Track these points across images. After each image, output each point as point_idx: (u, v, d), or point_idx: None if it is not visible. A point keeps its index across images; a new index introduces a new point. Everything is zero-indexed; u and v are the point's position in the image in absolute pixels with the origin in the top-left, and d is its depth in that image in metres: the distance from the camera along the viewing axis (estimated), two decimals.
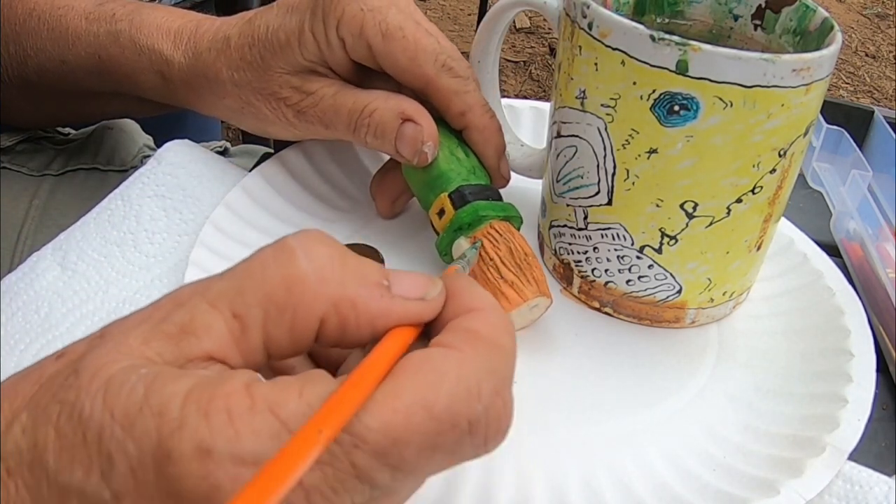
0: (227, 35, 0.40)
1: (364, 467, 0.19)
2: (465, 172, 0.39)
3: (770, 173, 0.34)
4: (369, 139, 0.38)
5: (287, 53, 0.38)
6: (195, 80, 0.41)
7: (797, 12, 0.37)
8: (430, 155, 0.38)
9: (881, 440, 0.36)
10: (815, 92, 0.33)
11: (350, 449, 0.19)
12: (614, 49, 0.33)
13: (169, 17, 0.43)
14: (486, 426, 0.21)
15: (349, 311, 0.21)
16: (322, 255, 0.21)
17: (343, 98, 0.38)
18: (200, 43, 0.41)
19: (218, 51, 0.40)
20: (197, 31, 0.42)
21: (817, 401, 0.35)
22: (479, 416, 0.21)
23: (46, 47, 0.45)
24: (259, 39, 0.39)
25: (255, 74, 0.39)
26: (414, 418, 0.20)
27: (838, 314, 0.39)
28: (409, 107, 0.38)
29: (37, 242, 0.46)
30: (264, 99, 0.39)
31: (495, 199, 0.38)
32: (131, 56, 0.43)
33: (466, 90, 0.38)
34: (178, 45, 0.42)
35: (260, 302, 0.21)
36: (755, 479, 0.31)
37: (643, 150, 0.34)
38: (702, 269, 0.37)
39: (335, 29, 0.37)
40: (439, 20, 2.31)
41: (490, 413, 0.21)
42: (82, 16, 0.44)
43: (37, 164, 0.50)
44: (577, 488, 0.31)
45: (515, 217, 0.38)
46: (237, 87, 0.40)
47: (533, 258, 0.37)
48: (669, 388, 0.36)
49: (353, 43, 0.37)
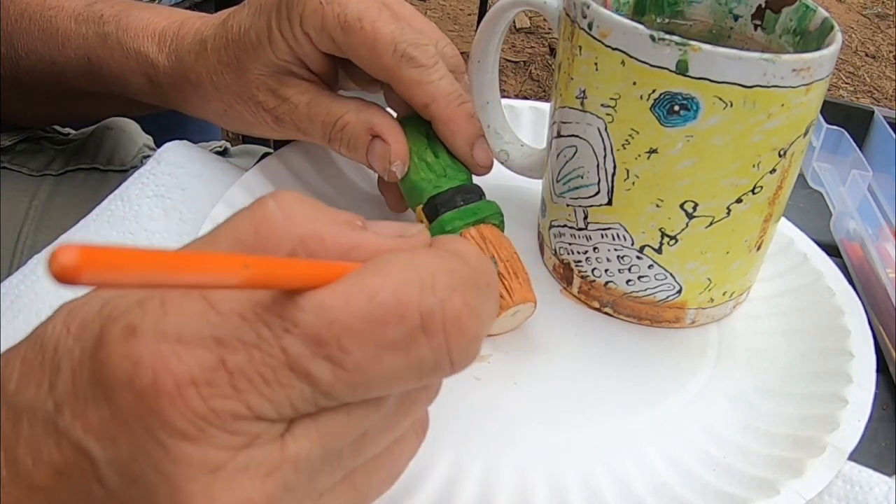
0: (203, 37, 0.40)
1: (296, 355, 0.18)
2: (436, 178, 0.38)
3: (770, 173, 0.34)
4: (343, 151, 0.38)
5: (260, 54, 0.37)
6: (180, 83, 0.41)
7: (797, 12, 0.37)
8: (399, 173, 0.37)
9: (881, 440, 0.36)
10: (815, 92, 0.33)
11: (280, 333, 0.18)
12: (614, 49, 0.33)
13: (155, 18, 0.42)
14: (443, 325, 0.19)
15: (318, 246, 0.20)
16: (291, 199, 0.20)
17: (317, 108, 0.38)
18: (182, 45, 0.41)
19: (197, 54, 0.40)
20: (179, 33, 0.41)
21: (817, 401, 0.35)
22: (432, 309, 0.18)
23: (37, 48, 0.45)
24: (233, 41, 0.38)
25: (233, 77, 0.39)
26: (353, 301, 0.18)
27: (838, 314, 0.39)
28: (380, 122, 0.37)
29: (37, 243, 0.46)
30: (244, 103, 0.39)
31: (470, 201, 0.37)
32: (119, 59, 0.42)
33: (429, 80, 0.36)
34: (163, 47, 0.41)
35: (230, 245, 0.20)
36: (755, 479, 0.31)
37: (643, 150, 0.34)
38: (702, 269, 0.37)
39: (299, 25, 0.36)
40: (439, 20, 2.31)
41: (447, 310, 0.19)
42: (72, 17, 0.44)
43: (37, 164, 0.50)
44: (577, 488, 0.31)
45: (493, 215, 0.37)
46: (218, 91, 0.40)
47: (515, 262, 0.36)
48: (669, 388, 0.36)
49: (318, 37, 0.36)
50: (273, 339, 0.18)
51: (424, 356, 0.19)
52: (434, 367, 0.19)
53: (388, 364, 0.18)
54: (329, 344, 0.18)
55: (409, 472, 0.31)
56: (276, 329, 0.18)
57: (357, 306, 0.18)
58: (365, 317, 0.18)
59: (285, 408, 0.18)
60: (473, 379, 0.35)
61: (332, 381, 0.18)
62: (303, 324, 0.18)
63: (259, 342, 0.18)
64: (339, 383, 0.18)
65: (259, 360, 0.18)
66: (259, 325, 0.18)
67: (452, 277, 0.19)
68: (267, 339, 0.18)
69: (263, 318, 0.18)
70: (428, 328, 0.19)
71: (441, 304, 0.19)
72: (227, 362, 0.18)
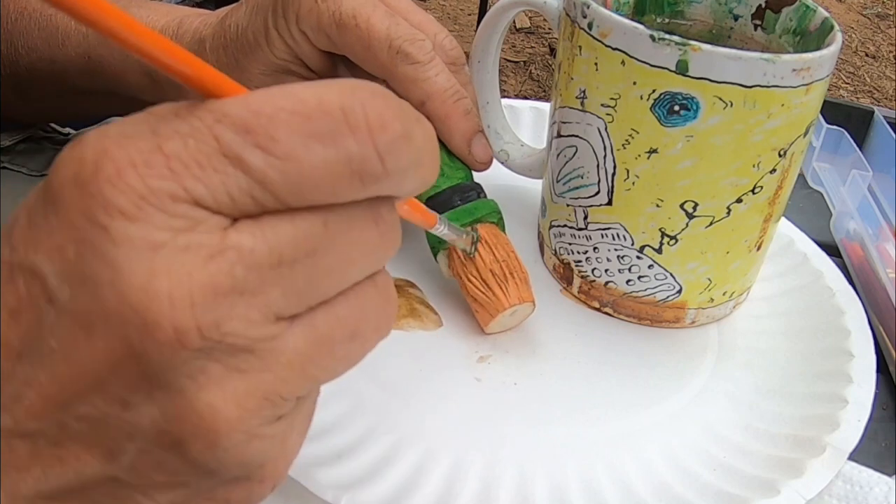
0: (202, 36, 0.40)
1: (227, 141, 0.18)
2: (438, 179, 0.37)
3: (770, 173, 0.34)
4: None
5: (258, 54, 0.37)
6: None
7: (797, 12, 0.37)
8: None
9: (881, 440, 0.36)
10: (815, 92, 0.33)
11: (211, 123, 0.19)
12: (614, 49, 0.33)
13: (154, 16, 0.42)
14: (365, 119, 0.19)
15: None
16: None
17: None
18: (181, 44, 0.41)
19: (195, 53, 0.40)
20: (178, 31, 0.41)
21: (817, 401, 0.35)
22: (352, 105, 0.19)
23: (37, 47, 0.45)
24: (231, 41, 0.38)
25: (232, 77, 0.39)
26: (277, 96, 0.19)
27: (838, 314, 0.39)
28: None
29: None
30: None
31: (468, 200, 0.37)
32: (119, 57, 0.42)
33: (425, 77, 0.36)
34: None
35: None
36: (755, 479, 0.31)
37: (643, 150, 0.34)
38: (702, 269, 0.37)
39: (296, 24, 0.36)
40: (439, 20, 2.30)
41: (368, 107, 0.19)
42: None
43: (37, 164, 0.50)
44: (577, 488, 0.31)
45: (491, 214, 0.37)
46: None
47: (513, 261, 0.36)
48: (669, 388, 0.36)
49: (315, 36, 0.36)
50: (205, 128, 0.19)
51: (351, 148, 0.19)
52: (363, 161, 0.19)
53: (317, 154, 0.19)
54: (258, 132, 0.19)
55: (410, 472, 0.31)
56: (208, 120, 0.19)
57: (281, 100, 0.19)
58: (289, 109, 0.19)
59: (222, 195, 0.19)
60: (473, 379, 0.35)
61: (265, 168, 0.19)
62: (232, 114, 0.19)
63: (192, 132, 0.19)
64: (272, 171, 0.19)
65: (193, 147, 0.18)
66: (191, 118, 0.19)
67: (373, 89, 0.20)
68: (199, 128, 0.19)
69: (195, 112, 0.19)
70: (351, 122, 0.19)
71: (361, 102, 0.19)
72: (163, 147, 0.18)
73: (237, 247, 0.19)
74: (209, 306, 0.18)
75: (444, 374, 0.36)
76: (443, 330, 0.38)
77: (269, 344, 0.20)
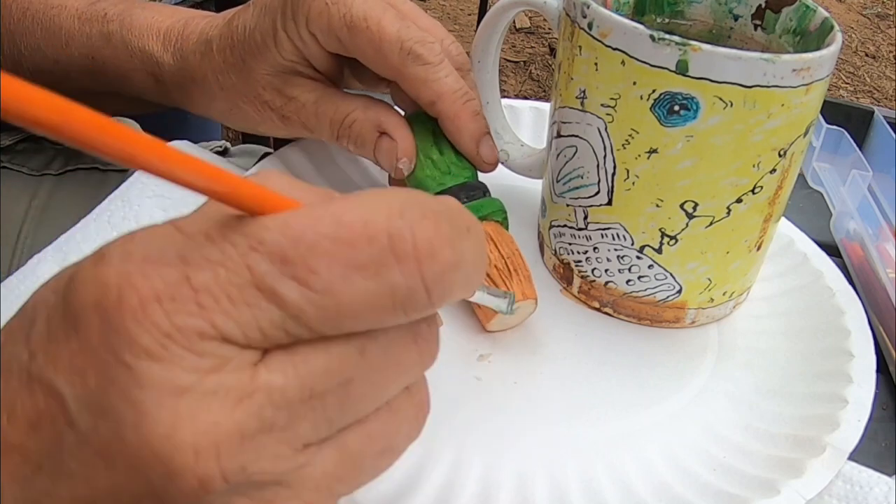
0: (209, 37, 0.40)
1: (262, 273, 0.17)
2: (440, 175, 0.38)
3: (770, 173, 0.34)
4: (351, 147, 0.39)
5: (266, 55, 0.37)
6: (185, 82, 0.41)
7: (797, 12, 0.37)
8: (406, 170, 0.38)
9: (881, 440, 0.36)
10: (815, 92, 0.33)
11: (246, 251, 0.17)
12: (614, 49, 0.33)
13: (159, 17, 0.42)
14: (413, 248, 0.18)
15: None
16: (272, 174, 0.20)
17: (324, 106, 0.38)
18: (186, 45, 0.41)
19: (202, 54, 0.40)
20: (184, 32, 0.41)
21: (817, 401, 0.35)
22: (400, 231, 0.18)
23: (40, 47, 0.45)
24: (238, 41, 0.38)
25: (238, 77, 0.39)
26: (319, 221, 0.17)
27: (838, 314, 0.39)
28: (387, 119, 0.37)
29: (37, 242, 0.46)
30: (250, 102, 0.39)
31: (473, 198, 0.38)
32: (123, 57, 0.42)
33: (435, 77, 0.36)
34: (168, 46, 0.41)
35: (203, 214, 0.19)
36: (755, 479, 0.31)
37: (643, 150, 0.34)
38: (702, 269, 0.37)
39: (305, 26, 0.36)
40: (439, 20, 2.30)
41: (417, 234, 0.18)
42: (75, 16, 0.44)
43: (37, 163, 0.50)
44: (577, 488, 0.31)
45: (496, 212, 0.38)
46: (223, 91, 0.40)
47: (517, 259, 0.36)
48: (669, 388, 0.36)
49: (325, 38, 0.36)
50: (238, 256, 0.17)
51: (396, 281, 0.18)
52: (409, 295, 0.18)
53: (358, 287, 0.18)
54: (295, 263, 0.17)
55: (410, 472, 0.31)
56: (242, 247, 0.17)
57: (323, 226, 0.17)
58: (331, 236, 0.17)
59: (253, 330, 0.18)
60: (474, 379, 0.35)
61: (301, 303, 0.17)
62: (268, 242, 0.17)
63: (224, 260, 0.17)
64: (309, 305, 0.17)
65: (224, 278, 0.17)
66: (224, 244, 0.17)
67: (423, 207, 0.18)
68: (232, 256, 0.17)
69: (229, 237, 0.18)
70: (397, 250, 0.18)
71: (410, 227, 0.18)
72: (191, 279, 0.17)
73: (267, 387, 0.18)
74: (235, 453, 0.18)
75: (444, 372, 0.35)
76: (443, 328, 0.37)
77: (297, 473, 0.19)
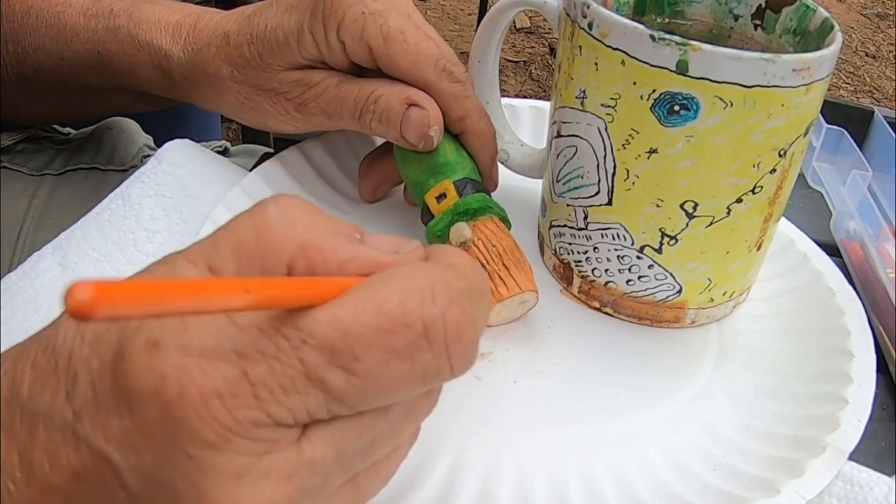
0: (226, 31, 0.40)
1: (313, 365, 0.19)
2: (469, 169, 0.39)
3: (770, 173, 0.34)
4: (374, 125, 0.38)
5: (286, 52, 0.38)
6: (195, 75, 0.41)
7: (797, 12, 0.37)
8: (436, 139, 0.38)
9: (881, 440, 0.36)
10: (816, 92, 0.33)
11: (298, 344, 0.19)
12: (614, 49, 0.33)
13: (168, 12, 0.42)
14: (444, 333, 0.20)
15: (316, 255, 0.21)
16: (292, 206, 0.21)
17: (348, 87, 0.38)
18: (199, 38, 0.41)
19: (217, 47, 0.40)
20: (196, 26, 0.41)
21: (817, 401, 0.35)
22: (434, 318, 0.20)
23: (45, 44, 0.45)
24: (258, 37, 0.39)
25: (254, 72, 0.39)
26: (364, 312, 0.19)
27: (838, 314, 0.39)
28: (415, 93, 0.38)
29: (37, 242, 0.46)
30: (265, 94, 0.39)
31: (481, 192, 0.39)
32: (130, 51, 0.42)
33: (466, 95, 0.38)
34: (178, 39, 0.42)
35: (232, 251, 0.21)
36: (755, 479, 0.31)
37: (643, 150, 0.34)
38: (702, 269, 0.37)
39: (335, 32, 0.37)
40: (439, 20, 2.31)
41: (447, 319, 0.20)
42: (80, 12, 0.44)
43: (37, 163, 0.50)
44: (577, 488, 0.31)
45: (507, 219, 0.39)
46: (237, 84, 0.40)
47: (516, 252, 0.37)
48: (669, 388, 0.36)
49: (354, 46, 0.37)
50: (291, 350, 0.19)
51: (428, 362, 0.20)
52: (437, 372, 0.21)
53: (395, 370, 0.20)
54: (343, 353, 0.19)
55: (410, 472, 0.31)
56: (294, 341, 0.19)
57: (367, 317, 0.19)
58: (374, 326, 0.19)
59: (302, 414, 0.19)
60: (474, 378, 0.35)
61: (346, 388, 0.19)
62: (319, 335, 0.19)
63: (278, 353, 0.19)
64: (352, 389, 0.20)
65: (279, 371, 0.19)
66: (278, 338, 0.19)
67: (450, 289, 0.21)
68: (286, 350, 0.19)
69: (281, 331, 0.19)
70: (430, 336, 0.20)
71: (442, 313, 0.20)
72: (249, 374, 0.19)
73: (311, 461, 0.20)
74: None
75: None
76: None
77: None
